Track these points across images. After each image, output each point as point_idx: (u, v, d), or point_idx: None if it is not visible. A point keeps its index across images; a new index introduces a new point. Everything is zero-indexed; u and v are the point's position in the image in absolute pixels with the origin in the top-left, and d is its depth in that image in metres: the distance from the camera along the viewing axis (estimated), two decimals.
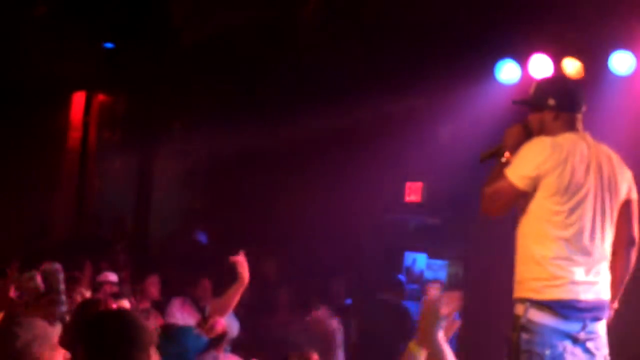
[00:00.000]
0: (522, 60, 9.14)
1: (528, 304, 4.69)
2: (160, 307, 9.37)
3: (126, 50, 11.19)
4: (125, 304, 6.37)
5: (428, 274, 11.37)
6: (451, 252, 11.23)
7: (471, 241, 10.40)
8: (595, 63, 8.65)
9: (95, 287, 8.64)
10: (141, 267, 11.04)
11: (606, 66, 8.54)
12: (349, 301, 10.78)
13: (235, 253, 10.91)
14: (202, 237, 11.67)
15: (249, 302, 10.10)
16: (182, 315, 9.24)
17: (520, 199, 4.81)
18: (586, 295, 4.71)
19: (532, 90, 5.02)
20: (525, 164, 4.75)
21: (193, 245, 11.61)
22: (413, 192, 11.05)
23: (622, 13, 8.21)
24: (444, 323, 3.74)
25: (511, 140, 4.94)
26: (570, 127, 4.85)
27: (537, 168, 4.70)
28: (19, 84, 11.71)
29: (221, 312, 7.59)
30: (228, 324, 9.35)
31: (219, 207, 12.77)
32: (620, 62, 8.51)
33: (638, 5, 8.16)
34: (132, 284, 9.36)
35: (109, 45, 11.21)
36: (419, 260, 11.57)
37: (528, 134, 4.93)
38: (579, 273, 4.69)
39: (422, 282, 11.18)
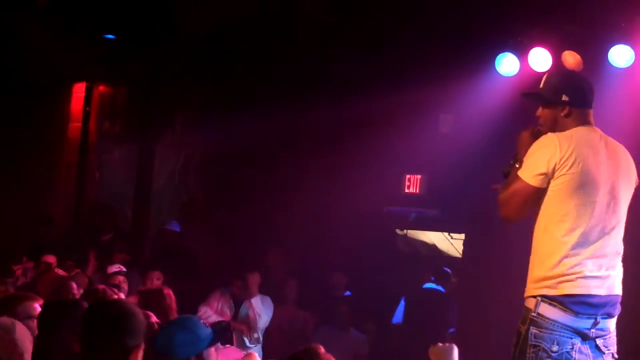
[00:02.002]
0: (521, 53, 9.17)
1: (540, 298, 4.68)
2: None
3: (127, 42, 11.18)
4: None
5: None
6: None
7: (470, 232, 10.47)
8: (594, 56, 8.69)
9: (106, 278, 8.61)
10: (140, 260, 11.09)
11: (605, 59, 8.57)
12: (348, 293, 10.83)
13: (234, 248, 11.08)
14: (175, 226, 11.70)
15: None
16: (218, 305, 9.39)
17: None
18: (598, 290, 4.69)
19: (543, 83, 5.00)
20: (535, 161, 4.74)
21: (170, 236, 11.63)
22: (412, 184, 11.11)
23: (621, 6, 8.25)
24: None
25: (524, 148, 4.92)
26: (582, 122, 4.85)
27: (547, 163, 4.68)
28: (20, 74, 11.70)
29: None
30: (259, 313, 9.50)
31: (219, 200, 12.80)
32: (620, 55, 8.55)
33: None
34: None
35: (110, 36, 11.20)
36: None
37: (538, 138, 4.91)
38: (591, 268, 4.68)
39: None
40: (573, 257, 4.67)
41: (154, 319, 5.56)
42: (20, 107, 12.14)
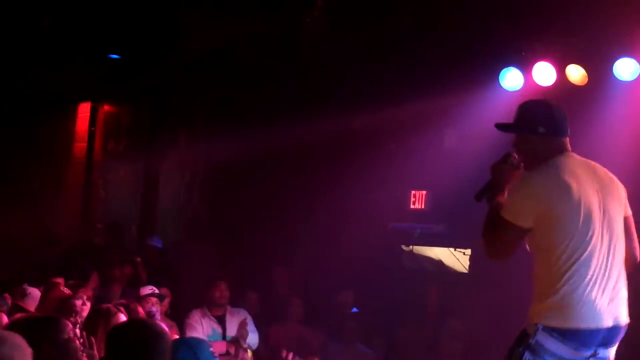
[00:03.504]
0: (526, 67, 9.16)
1: (540, 326, 4.62)
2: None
3: (131, 61, 11.22)
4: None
5: None
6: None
7: (476, 247, 10.42)
8: (599, 69, 8.68)
9: (139, 300, 8.50)
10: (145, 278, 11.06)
11: (610, 72, 8.56)
12: (355, 310, 10.80)
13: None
14: (157, 242, 11.67)
15: (260, 310, 10.15)
16: (202, 327, 9.29)
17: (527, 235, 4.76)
18: (604, 322, 4.63)
19: (517, 115, 4.99)
20: (518, 203, 4.71)
21: (151, 251, 11.58)
22: (418, 200, 11.09)
23: (625, 19, 8.24)
24: None
25: (498, 176, 4.92)
26: (559, 150, 4.84)
27: (532, 207, 4.66)
28: (25, 94, 11.75)
29: None
30: (252, 345, 9.42)
31: (223, 217, 12.79)
32: (625, 68, 8.53)
33: None
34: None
35: (114, 56, 11.24)
36: None
37: (513, 166, 4.91)
38: (595, 297, 4.61)
39: None
40: (574, 287, 4.59)
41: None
42: (26, 127, 12.17)
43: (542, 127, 4.85)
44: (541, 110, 5.01)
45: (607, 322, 4.63)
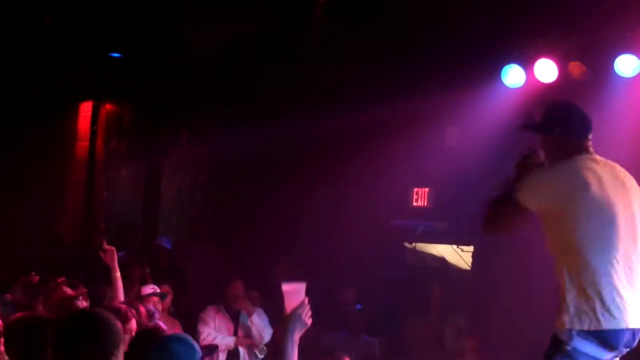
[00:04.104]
0: (527, 64, 9.17)
1: (575, 331, 4.67)
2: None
3: (133, 60, 11.20)
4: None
5: None
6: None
7: (478, 244, 10.44)
8: (600, 66, 8.69)
9: (141, 299, 8.48)
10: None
11: (611, 69, 8.57)
12: (358, 307, 10.81)
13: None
14: (166, 243, 11.65)
15: (264, 308, 10.16)
16: (215, 323, 9.31)
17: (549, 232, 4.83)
18: (631, 323, 4.70)
19: (539, 116, 5.11)
20: (528, 183, 4.84)
21: (159, 251, 11.54)
22: (420, 197, 11.10)
23: (626, 16, 8.25)
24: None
25: (523, 172, 5.00)
26: (579, 151, 4.92)
27: (542, 191, 4.80)
28: (26, 93, 11.75)
29: None
30: (262, 329, 9.46)
31: (226, 215, 12.79)
32: (626, 64, 8.54)
33: None
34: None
35: (116, 55, 11.22)
36: None
37: (534, 162, 5.02)
38: (625, 299, 4.68)
39: None
40: (602, 290, 4.65)
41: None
42: (28, 127, 12.17)
43: (558, 128, 4.97)
44: (561, 111, 5.14)
45: (634, 323, 4.71)
